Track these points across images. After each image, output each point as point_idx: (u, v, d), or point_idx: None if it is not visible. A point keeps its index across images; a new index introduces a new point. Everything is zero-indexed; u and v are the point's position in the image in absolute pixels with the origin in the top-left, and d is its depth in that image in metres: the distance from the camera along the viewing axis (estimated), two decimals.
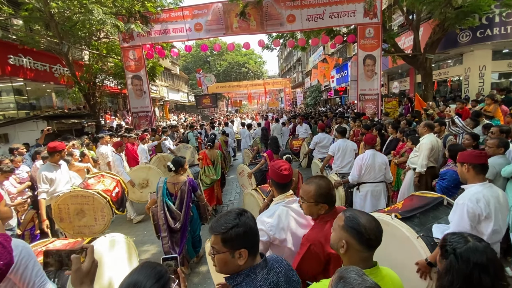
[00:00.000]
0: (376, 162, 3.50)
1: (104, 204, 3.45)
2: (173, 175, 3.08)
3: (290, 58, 40.89)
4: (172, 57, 24.18)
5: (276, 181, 1.82)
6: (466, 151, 2.20)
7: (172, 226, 3.06)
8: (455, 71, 11.23)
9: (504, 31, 8.59)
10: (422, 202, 2.43)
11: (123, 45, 9.49)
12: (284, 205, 1.75)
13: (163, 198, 2.97)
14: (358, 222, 1.12)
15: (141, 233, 4.84)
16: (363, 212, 1.19)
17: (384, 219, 2.20)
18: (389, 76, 16.52)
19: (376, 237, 1.11)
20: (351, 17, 9.03)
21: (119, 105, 18.37)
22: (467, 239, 1.10)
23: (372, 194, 3.53)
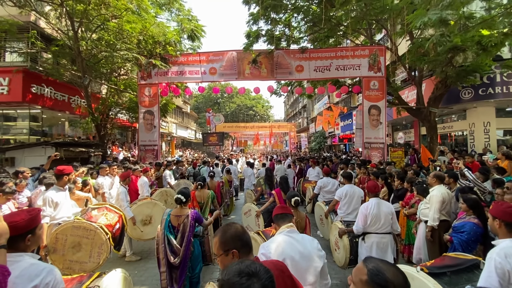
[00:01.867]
0: (382, 212, 3.32)
1: (105, 240, 3.22)
2: (178, 207, 2.97)
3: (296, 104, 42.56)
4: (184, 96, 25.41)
5: (278, 214, 1.98)
6: (501, 205, 2.00)
7: (172, 261, 2.85)
8: (459, 126, 11.41)
9: (506, 90, 8.92)
10: (455, 262, 2.21)
11: (141, 82, 10.06)
12: (286, 234, 1.83)
13: (164, 231, 2.83)
14: (385, 278, 0.99)
15: (132, 273, 4.47)
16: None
17: (409, 272, 2.00)
18: (393, 127, 16.84)
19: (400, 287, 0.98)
20: (356, 70, 9.59)
21: (127, 138, 18.78)
22: None
23: (378, 246, 3.29)
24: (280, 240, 1.77)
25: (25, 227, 1.49)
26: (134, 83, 11.02)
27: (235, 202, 9.92)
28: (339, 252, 3.85)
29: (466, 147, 10.72)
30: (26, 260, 1.42)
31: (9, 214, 1.81)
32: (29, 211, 1.60)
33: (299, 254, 1.74)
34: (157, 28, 8.86)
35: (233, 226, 1.45)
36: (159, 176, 7.65)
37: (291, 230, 1.86)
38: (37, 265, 1.43)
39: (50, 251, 3.07)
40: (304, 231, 3.10)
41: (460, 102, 9.76)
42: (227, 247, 1.35)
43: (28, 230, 1.50)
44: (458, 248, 3.10)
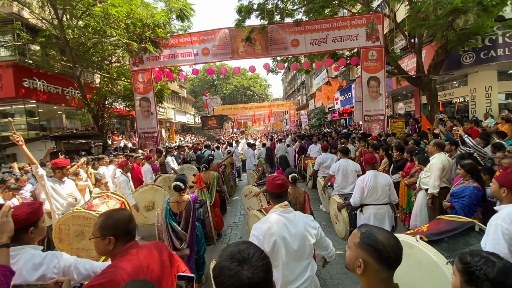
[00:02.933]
0: (379, 184, 3.34)
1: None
2: (177, 194, 2.99)
3: (294, 81, 41.80)
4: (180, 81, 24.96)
5: (271, 191, 1.93)
6: (510, 173, 1.93)
7: (178, 247, 2.92)
8: (460, 92, 11.22)
9: (509, 52, 8.65)
10: (450, 226, 2.21)
11: (133, 69, 9.83)
12: (278, 214, 1.81)
13: (166, 219, 2.87)
14: (375, 239, 1.02)
15: None
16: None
17: (408, 241, 2.01)
18: (393, 98, 16.60)
19: (396, 255, 1.00)
20: (353, 40, 9.27)
21: (126, 127, 18.72)
22: (491, 259, 0.99)
23: (375, 216, 3.35)
24: (272, 221, 1.76)
25: (26, 220, 1.50)
26: (127, 70, 10.78)
27: (238, 183, 10.06)
28: (339, 224, 3.94)
29: (467, 113, 10.61)
30: (28, 251, 1.45)
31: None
32: (30, 204, 1.62)
33: (291, 235, 1.73)
34: (144, 10, 8.50)
35: (120, 213, 1.42)
36: (162, 162, 7.71)
37: (285, 210, 1.83)
38: (38, 255, 1.47)
39: (56, 241, 3.17)
40: (303, 205, 3.15)
41: (461, 68, 9.51)
42: (105, 232, 1.33)
43: (30, 223, 1.52)
44: (460, 213, 3.13)
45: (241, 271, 0.79)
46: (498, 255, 1.02)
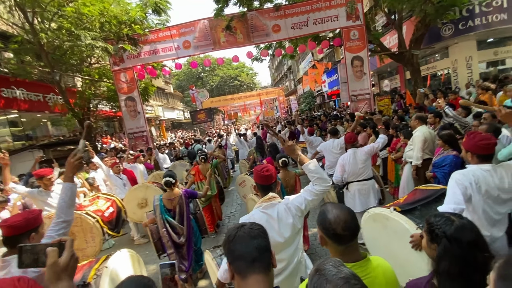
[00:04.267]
0: (358, 160, 3.49)
1: (93, 224, 3.37)
2: (168, 191, 3.04)
3: (281, 67, 41.49)
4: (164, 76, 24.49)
5: (258, 183, 1.86)
6: (472, 138, 2.02)
7: (177, 241, 3.00)
8: (442, 64, 11.39)
9: (486, 21, 8.78)
10: (424, 195, 2.36)
11: (114, 69, 9.61)
12: (261, 211, 1.75)
13: (162, 216, 2.93)
14: (324, 217, 1.14)
15: (143, 254, 4.72)
16: (339, 205, 1.19)
17: (384, 213, 2.16)
18: (379, 75, 16.73)
19: (344, 229, 1.09)
20: (334, 21, 9.23)
21: (115, 128, 18.44)
22: (451, 218, 1.08)
23: (360, 192, 3.51)
24: (256, 219, 1.70)
25: (26, 226, 1.60)
26: (108, 70, 10.52)
27: (233, 174, 10.15)
28: None
29: (450, 84, 10.82)
30: None
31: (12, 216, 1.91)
32: (30, 211, 1.76)
33: (276, 231, 1.70)
34: (118, 6, 8.23)
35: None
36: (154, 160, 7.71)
37: (268, 205, 1.77)
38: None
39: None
40: (295, 188, 3.25)
41: (441, 40, 9.63)
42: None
43: (30, 228, 1.62)
44: (442, 181, 3.27)
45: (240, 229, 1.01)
46: (460, 215, 1.11)
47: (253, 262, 0.95)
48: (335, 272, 0.76)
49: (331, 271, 0.77)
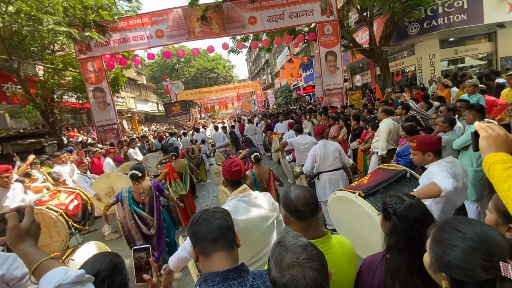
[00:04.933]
0: (329, 150, 3.66)
1: (56, 218, 3.23)
2: (136, 183, 2.96)
3: (258, 60, 41.38)
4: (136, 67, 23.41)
5: (228, 179, 1.84)
6: (424, 140, 2.17)
7: (147, 232, 2.96)
8: (409, 61, 12.07)
9: (448, 21, 9.41)
10: (386, 176, 2.49)
11: (80, 57, 9.01)
12: (239, 200, 1.75)
13: (130, 208, 2.86)
14: (287, 195, 1.23)
15: (115, 249, 4.59)
16: (301, 186, 1.29)
17: (349, 197, 2.30)
18: (351, 71, 17.34)
19: (304, 205, 1.17)
20: (309, 16, 9.37)
21: (82, 121, 17.40)
22: (402, 198, 1.19)
23: (330, 182, 3.69)
24: (233, 206, 1.69)
25: None
26: (74, 59, 9.85)
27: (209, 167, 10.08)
28: None
29: (416, 80, 11.51)
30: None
31: None
32: None
33: (253, 218, 1.70)
34: None
35: None
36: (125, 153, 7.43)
37: (244, 195, 1.77)
38: (2, 255, 1.50)
39: None
40: (269, 182, 3.31)
41: (408, 38, 10.18)
42: None
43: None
44: None
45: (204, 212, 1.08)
46: (412, 196, 1.23)
47: (216, 241, 0.99)
48: (294, 241, 0.83)
49: (291, 241, 0.83)
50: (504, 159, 0.87)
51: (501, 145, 0.91)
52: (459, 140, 3.21)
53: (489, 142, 0.92)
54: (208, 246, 0.99)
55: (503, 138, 0.92)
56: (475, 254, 0.67)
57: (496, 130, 0.93)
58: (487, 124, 0.96)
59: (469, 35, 10.92)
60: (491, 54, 11.24)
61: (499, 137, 0.91)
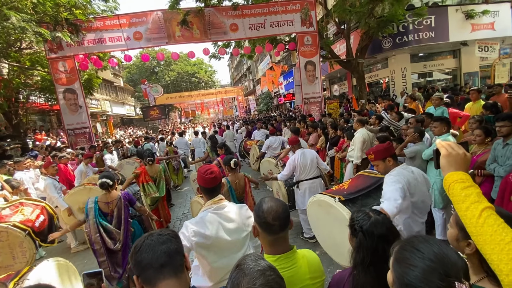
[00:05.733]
0: (307, 159, 3.70)
1: (23, 237, 2.91)
2: (105, 193, 2.77)
3: (240, 67, 41.58)
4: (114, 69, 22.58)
5: (203, 186, 1.75)
6: (378, 148, 2.25)
7: (112, 247, 2.76)
8: (383, 74, 12.68)
9: (418, 37, 10.04)
10: (366, 183, 2.54)
11: (51, 56, 8.52)
12: (212, 212, 1.68)
13: (96, 220, 2.66)
14: (259, 206, 1.19)
15: (81, 262, 4.30)
16: (275, 199, 1.23)
17: (329, 202, 2.31)
18: (330, 80, 17.90)
19: (274, 219, 1.13)
20: (290, 26, 9.59)
21: (52, 123, 16.39)
22: (369, 214, 1.20)
23: (310, 190, 3.72)
24: (206, 220, 1.63)
25: None
26: (43, 57, 9.29)
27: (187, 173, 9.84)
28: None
29: (389, 91, 12.09)
30: None
31: None
32: None
33: (227, 231, 1.64)
34: None
35: None
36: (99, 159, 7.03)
37: (218, 206, 1.70)
38: None
39: None
40: (245, 189, 3.26)
41: (382, 52, 10.71)
42: None
43: None
44: None
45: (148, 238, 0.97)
46: (378, 212, 1.24)
47: (162, 267, 0.90)
48: (253, 265, 0.79)
49: (249, 265, 0.80)
50: (462, 178, 0.89)
51: (460, 163, 0.93)
52: (428, 151, 3.37)
53: (449, 160, 0.95)
54: (154, 274, 0.90)
55: (462, 156, 0.94)
56: (433, 274, 0.69)
57: (455, 149, 0.96)
58: (447, 143, 0.99)
59: (436, 51, 11.71)
60: (456, 70, 12.12)
61: (458, 156, 0.94)
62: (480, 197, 0.84)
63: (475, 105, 5.19)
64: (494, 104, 4.41)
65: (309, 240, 3.79)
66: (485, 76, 12.40)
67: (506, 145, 2.96)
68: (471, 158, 0.98)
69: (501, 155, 3.02)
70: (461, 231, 1.00)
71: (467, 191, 0.86)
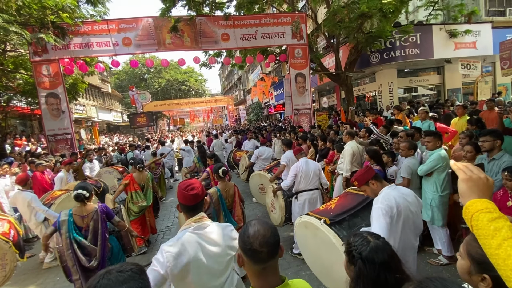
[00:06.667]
0: (310, 169, 3.65)
1: (8, 249, 2.78)
2: (79, 205, 2.55)
3: (231, 76, 41.80)
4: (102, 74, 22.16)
5: (183, 204, 1.58)
6: (359, 174, 2.17)
7: (87, 265, 2.52)
8: (370, 87, 12.97)
9: (404, 53, 10.36)
10: (354, 202, 2.48)
11: (34, 59, 8.22)
12: (192, 231, 1.51)
13: (69, 234, 2.43)
14: (244, 231, 1.04)
15: (52, 280, 3.99)
16: (264, 222, 1.09)
17: (315, 224, 2.24)
18: (319, 92, 18.18)
19: (261, 245, 0.99)
20: (281, 38, 9.70)
21: (33, 128, 15.74)
22: (368, 239, 1.10)
23: (309, 202, 3.64)
24: (185, 242, 1.46)
25: None
26: (27, 60, 8.96)
27: (173, 183, 9.56)
28: (275, 212, 4.11)
29: (376, 105, 12.35)
30: None
31: None
32: None
33: (207, 255, 1.49)
34: None
35: None
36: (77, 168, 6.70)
37: (199, 226, 1.54)
38: None
39: None
40: (234, 199, 3.15)
41: (370, 66, 10.97)
42: None
43: None
44: None
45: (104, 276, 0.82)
46: (377, 235, 1.14)
47: None
48: None
49: None
50: (488, 207, 0.76)
51: (483, 189, 0.80)
52: (425, 167, 3.27)
53: (469, 186, 0.81)
54: None
55: (484, 181, 0.81)
56: None
57: (475, 172, 0.83)
58: (464, 165, 0.87)
59: (421, 67, 12.13)
60: (440, 86, 12.57)
61: (480, 181, 0.81)
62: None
63: (460, 120, 5.32)
64: (479, 119, 4.51)
65: (298, 256, 3.64)
66: (467, 92, 12.91)
67: (492, 160, 2.98)
68: (493, 183, 0.85)
69: (487, 170, 3.04)
70: (474, 263, 0.86)
71: (496, 223, 0.72)
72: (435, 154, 3.17)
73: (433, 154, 3.21)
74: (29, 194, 3.91)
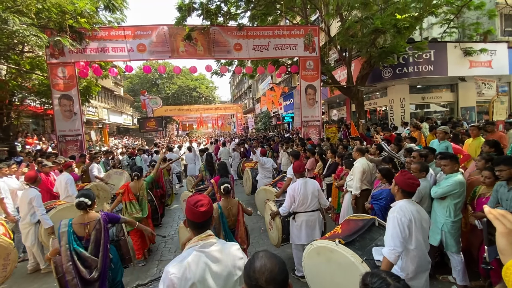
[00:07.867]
0: (308, 190, 3.41)
1: (12, 249, 2.78)
2: (81, 213, 2.48)
3: (241, 85, 42.20)
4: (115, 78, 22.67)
5: (191, 220, 1.52)
6: (403, 176, 2.21)
7: (87, 277, 2.40)
8: (382, 102, 12.80)
9: (417, 70, 10.23)
10: (358, 226, 2.47)
11: (51, 61, 8.44)
12: (198, 250, 1.44)
13: (69, 246, 2.32)
14: (250, 264, 1.00)
15: (50, 286, 3.91)
16: (272, 255, 1.02)
17: (329, 246, 2.17)
18: (329, 105, 18.07)
19: (267, 282, 0.92)
20: (293, 49, 9.73)
21: (46, 128, 16.08)
22: (387, 281, 0.99)
23: (307, 224, 3.42)
24: (190, 261, 1.40)
25: None
26: (44, 61, 9.21)
27: (179, 189, 9.51)
28: (273, 231, 3.95)
29: (387, 120, 12.14)
30: None
31: None
32: None
33: (214, 275, 1.43)
34: None
35: None
36: (85, 169, 6.73)
37: (205, 244, 1.47)
38: None
39: None
40: (237, 218, 3.01)
41: (382, 81, 10.85)
42: None
43: None
44: (378, 213, 3.44)
45: None
46: (397, 277, 1.03)
47: None
48: None
49: None
50: None
51: None
52: (440, 190, 3.11)
53: (511, 242, 0.70)
54: None
55: None
56: None
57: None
58: (502, 213, 0.75)
59: (434, 84, 11.93)
60: (453, 103, 12.30)
61: None
62: None
63: (474, 142, 5.09)
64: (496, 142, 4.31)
65: (300, 279, 3.46)
66: (482, 111, 12.59)
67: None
68: None
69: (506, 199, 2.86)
70: None
71: None
72: (452, 179, 3.01)
73: (450, 178, 3.04)
74: (34, 192, 3.88)
